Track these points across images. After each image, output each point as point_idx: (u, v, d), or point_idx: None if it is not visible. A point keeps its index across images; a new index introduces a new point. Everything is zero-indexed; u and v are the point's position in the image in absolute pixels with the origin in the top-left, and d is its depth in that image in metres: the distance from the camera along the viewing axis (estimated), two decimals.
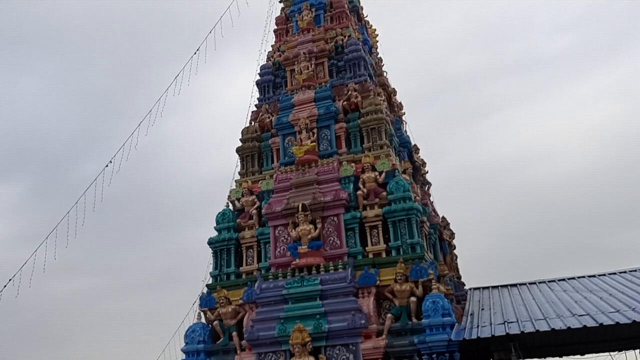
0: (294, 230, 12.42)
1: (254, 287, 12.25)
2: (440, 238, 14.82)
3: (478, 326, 10.35)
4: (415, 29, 45.31)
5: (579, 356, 13.25)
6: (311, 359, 10.69)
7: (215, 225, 13.76)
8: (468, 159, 41.16)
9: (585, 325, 9.19)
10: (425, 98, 40.17)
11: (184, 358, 12.37)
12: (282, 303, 11.77)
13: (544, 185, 37.65)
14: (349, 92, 14.27)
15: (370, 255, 12.06)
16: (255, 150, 14.70)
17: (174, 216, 41.77)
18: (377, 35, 18.85)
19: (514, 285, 14.05)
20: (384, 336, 10.87)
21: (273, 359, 11.34)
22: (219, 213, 13.86)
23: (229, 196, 14.28)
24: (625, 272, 13.11)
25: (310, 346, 10.81)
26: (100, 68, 48.41)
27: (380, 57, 18.01)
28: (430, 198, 16.04)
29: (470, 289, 14.59)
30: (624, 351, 12.61)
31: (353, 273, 11.61)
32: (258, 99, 15.88)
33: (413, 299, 11.05)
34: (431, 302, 10.62)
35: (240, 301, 12.46)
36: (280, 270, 12.39)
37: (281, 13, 17.15)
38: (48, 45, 48.04)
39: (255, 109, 15.62)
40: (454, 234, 15.78)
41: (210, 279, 13.40)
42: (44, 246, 13.76)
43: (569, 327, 9.24)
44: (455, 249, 15.76)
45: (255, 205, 13.64)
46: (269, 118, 14.92)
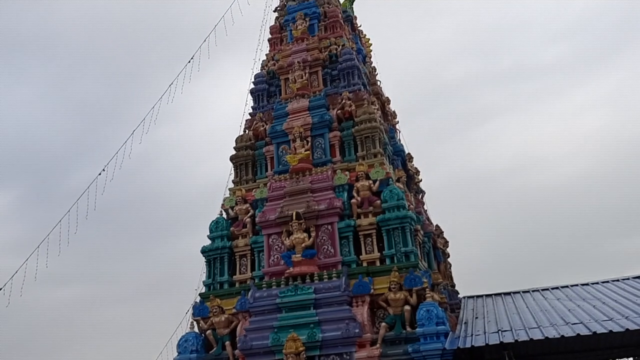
0: (287, 238, 12.40)
1: (248, 296, 12.19)
2: (434, 246, 14.83)
3: (472, 335, 10.36)
4: (409, 38, 45.69)
5: None
6: None
7: (208, 233, 13.71)
8: (462, 167, 41.37)
9: (578, 334, 9.21)
10: (419, 107, 40.44)
11: None
12: (276, 312, 11.72)
13: (538, 193, 37.88)
14: (343, 101, 14.33)
15: (365, 264, 12.05)
16: (249, 158, 14.70)
17: (167, 225, 41.62)
18: (371, 44, 18.98)
19: (508, 293, 14.08)
20: (378, 345, 10.83)
21: None
22: (213, 221, 13.81)
23: (222, 204, 14.25)
24: (618, 280, 13.18)
25: (304, 355, 10.75)
26: (94, 76, 48.42)
27: (374, 66, 18.12)
28: (424, 206, 16.07)
29: (464, 298, 14.61)
30: (617, 359, 12.62)
31: (347, 282, 11.58)
32: (252, 107, 15.91)
33: (407, 307, 11.03)
34: (425, 311, 10.60)
35: (234, 310, 12.40)
36: (274, 279, 12.35)
37: (275, 22, 17.24)
38: (42, 53, 48.00)
39: (250, 118, 15.64)
40: (448, 242, 15.80)
41: (204, 287, 13.32)
42: (36, 254, 13.66)
43: (562, 336, 9.26)
44: (449, 257, 15.78)
45: (249, 214, 13.61)
46: (263, 126, 14.94)
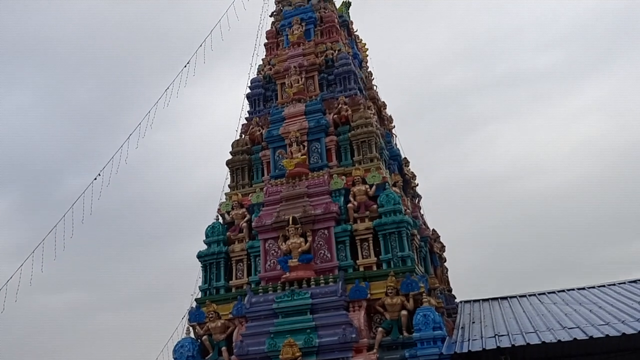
0: (284, 243, 12.37)
1: (244, 301, 12.13)
2: (431, 251, 14.83)
3: (469, 340, 10.35)
4: (405, 43, 45.79)
5: None
6: None
7: (204, 238, 13.65)
8: (458, 172, 41.41)
9: (575, 338, 9.22)
10: (415, 112, 40.50)
11: None
12: (272, 317, 11.67)
13: (534, 198, 37.95)
14: (340, 106, 14.34)
15: (361, 269, 12.02)
16: (245, 163, 14.68)
17: (163, 230, 41.47)
18: (367, 49, 19.03)
19: (505, 298, 14.09)
20: (375, 350, 10.79)
21: None
22: (209, 226, 13.77)
23: (218, 209, 14.20)
24: (614, 285, 13.22)
25: None
26: (90, 82, 48.32)
27: (370, 71, 18.15)
28: (421, 211, 16.08)
29: (461, 302, 14.59)
30: None
31: (344, 286, 11.55)
32: (248, 112, 15.91)
33: (404, 312, 11.00)
34: (422, 316, 10.57)
35: (230, 315, 12.34)
36: (270, 284, 12.30)
37: (272, 27, 17.26)
38: (36, 60, 47.81)
39: (246, 122, 15.63)
40: (445, 246, 15.80)
41: (200, 293, 13.26)
42: (31, 260, 13.57)
43: (559, 340, 9.28)
44: (445, 261, 15.78)
45: (246, 219, 13.57)
46: (260, 131, 14.93)
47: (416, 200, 16.39)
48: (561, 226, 35.29)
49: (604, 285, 13.29)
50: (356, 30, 18.83)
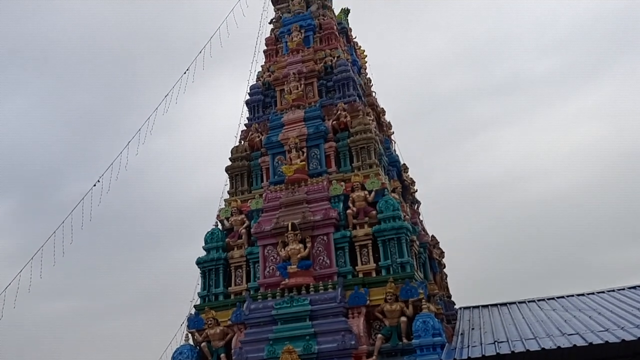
0: (283, 249, 12.37)
1: (243, 308, 12.11)
2: (430, 257, 14.82)
3: (469, 346, 10.33)
4: (403, 49, 45.93)
5: None
6: None
7: (204, 244, 13.66)
8: (457, 177, 41.40)
9: (575, 345, 9.21)
10: (413, 118, 40.51)
11: None
12: (271, 324, 11.65)
13: (533, 203, 37.94)
14: (339, 112, 14.38)
15: (360, 275, 12.01)
16: (244, 169, 14.69)
17: (162, 236, 41.40)
18: (366, 56, 19.10)
19: (504, 304, 14.05)
20: (374, 357, 10.77)
21: None
22: (208, 232, 13.77)
23: (218, 215, 14.21)
24: (613, 291, 13.18)
25: None
26: (89, 87, 48.37)
27: (369, 78, 18.21)
28: (420, 217, 16.07)
29: (460, 308, 14.56)
30: None
31: (343, 293, 11.54)
32: (248, 118, 15.94)
33: (403, 318, 10.99)
34: (422, 322, 10.55)
35: (229, 322, 12.32)
36: (269, 290, 12.29)
37: (271, 34, 17.33)
38: (36, 64, 47.84)
39: (245, 128, 15.67)
40: (444, 252, 15.78)
41: (199, 299, 13.24)
42: (29, 266, 13.55)
43: (558, 347, 9.27)
44: (444, 267, 15.75)
45: (245, 225, 13.58)
46: (259, 137, 14.97)
47: (415, 206, 16.39)
48: (561, 230, 35.27)
49: (603, 292, 13.26)
50: (355, 37, 18.91)
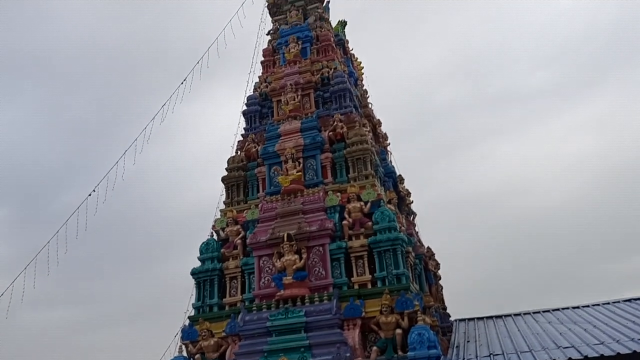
0: (278, 260, 12.31)
1: (237, 319, 12.04)
2: (426, 269, 14.79)
3: (464, 358, 10.32)
4: (400, 61, 46.32)
5: None
6: None
7: (199, 255, 13.59)
8: (452, 189, 41.55)
9: (570, 358, 9.20)
10: (409, 128, 40.76)
11: None
12: (266, 336, 11.57)
13: (528, 216, 38.05)
14: (335, 123, 14.43)
15: (356, 286, 11.96)
16: (240, 179, 14.68)
17: (157, 246, 41.21)
18: (363, 67, 19.21)
19: (500, 316, 14.03)
20: None
21: None
22: (203, 243, 13.71)
23: (213, 226, 14.16)
24: (609, 304, 13.18)
25: None
26: (86, 96, 48.38)
27: (365, 89, 18.31)
28: (416, 228, 16.08)
29: (456, 321, 14.53)
30: None
31: (338, 304, 11.49)
32: (244, 128, 15.96)
33: (399, 331, 10.92)
34: (417, 334, 10.50)
35: (223, 334, 12.22)
36: (264, 301, 12.22)
37: (268, 45, 17.43)
38: (32, 74, 47.95)
39: (242, 139, 15.69)
40: (439, 264, 15.75)
41: (193, 310, 13.15)
42: (23, 275, 13.46)
43: None
44: (440, 279, 15.72)
45: (240, 235, 13.53)
46: (255, 148, 14.98)
47: (411, 218, 16.40)
48: (557, 242, 35.39)
49: (598, 304, 13.26)
50: (352, 49, 19.04)
